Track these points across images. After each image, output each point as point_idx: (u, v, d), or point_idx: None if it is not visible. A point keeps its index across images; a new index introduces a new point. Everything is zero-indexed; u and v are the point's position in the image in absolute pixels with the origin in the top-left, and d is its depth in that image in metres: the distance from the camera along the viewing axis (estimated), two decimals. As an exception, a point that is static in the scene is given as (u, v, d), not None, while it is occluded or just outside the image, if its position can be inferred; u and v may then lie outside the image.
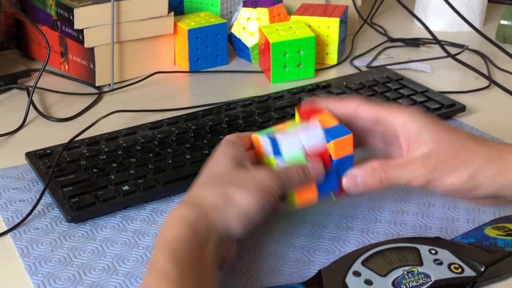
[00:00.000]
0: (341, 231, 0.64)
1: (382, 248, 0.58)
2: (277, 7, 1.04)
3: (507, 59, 1.00)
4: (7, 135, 0.83)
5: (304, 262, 0.60)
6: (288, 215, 0.67)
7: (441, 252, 0.57)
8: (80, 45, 0.93)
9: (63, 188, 0.68)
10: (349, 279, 0.55)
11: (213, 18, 1.03)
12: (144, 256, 0.61)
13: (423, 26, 1.01)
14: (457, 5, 1.09)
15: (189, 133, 0.77)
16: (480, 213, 0.67)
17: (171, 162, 0.72)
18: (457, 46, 1.11)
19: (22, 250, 0.62)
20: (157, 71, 1.00)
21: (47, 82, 0.95)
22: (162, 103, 0.91)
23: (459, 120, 0.86)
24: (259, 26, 0.99)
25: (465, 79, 1.00)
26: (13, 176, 0.73)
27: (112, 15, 0.92)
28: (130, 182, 0.69)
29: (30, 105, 0.87)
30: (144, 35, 0.97)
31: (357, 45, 1.13)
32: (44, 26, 0.99)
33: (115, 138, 0.77)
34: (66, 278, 0.58)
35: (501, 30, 1.14)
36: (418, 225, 0.65)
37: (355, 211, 0.67)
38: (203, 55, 1.01)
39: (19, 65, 1.00)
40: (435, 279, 0.55)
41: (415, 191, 0.70)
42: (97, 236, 0.64)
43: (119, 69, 0.97)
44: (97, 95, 0.93)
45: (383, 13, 1.29)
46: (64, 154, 0.73)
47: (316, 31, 1.01)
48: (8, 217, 0.67)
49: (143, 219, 0.66)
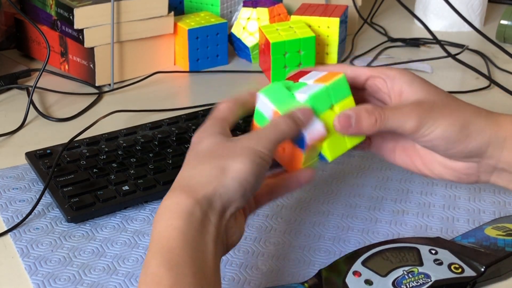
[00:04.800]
0: (341, 231, 0.64)
1: (382, 248, 0.58)
2: (277, 7, 1.04)
3: (507, 59, 0.99)
4: (7, 135, 0.83)
5: (304, 262, 0.60)
6: (288, 215, 0.67)
7: (441, 252, 0.57)
8: (80, 45, 0.93)
9: (63, 188, 0.68)
10: (349, 279, 0.55)
11: (213, 18, 1.03)
12: (144, 256, 0.61)
13: (423, 26, 1.01)
14: (457, 5, 1.09)
15: (189, 133, 0.77)
16: (480, 213, 0.67)
17: (171, 162, 0.72)
18: (457, 46, 1.11)
19: (22, 250, 0.62)
20: (157, 71, 1.00)
21: (47, 82, 0.95)
22: (162, 103, 0.91)
23: (459, 120, 0.86)
24: (259, 26, 0.99)
25: (465, 79, 1.00)
26: (13, 176, 0.73)
27: (112, 15, 0.92)
28: (130, 182, 0.69)
29: (30, 105, 0.87)
30: (144, 35, 0.97)
31: (357, 45, 1.13)
32: (44, 26, 0.99)
33: (115, 138, 0.77)
34: (66, 278, 0.58)
35: (501, 30, 1.13)
36: (418, 225, 0.65)
37: (355, 211, 0.67)
38: (203, 55, 1.01)
39: (19, 65, 1.00)
40: (435, 279, 0.55)
41: (415, 191, 0.70)
42: (97, 236, 0.64)
43: (119, 69, 0.97)
44: (97, 95, 0.93)
45: (383, 13, 1.29)
46: (64, 154, 0.73)
47: (316, 31, 1.01)
48: (8, 217, 0.67)
49: (143, 219, 0.66)
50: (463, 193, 0.70)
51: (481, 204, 0.68)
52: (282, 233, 0.64)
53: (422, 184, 0.71)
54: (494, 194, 0.70)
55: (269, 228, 0.65)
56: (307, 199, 0.69)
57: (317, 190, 0.71)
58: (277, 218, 0.66)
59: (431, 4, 1.20)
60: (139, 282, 0.46)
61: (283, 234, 0.64)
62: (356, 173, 0.74)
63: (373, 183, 0.72)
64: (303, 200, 0.69)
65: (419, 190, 0.71)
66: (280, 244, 0.63)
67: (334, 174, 0.74)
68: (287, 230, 0.65)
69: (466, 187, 0.71)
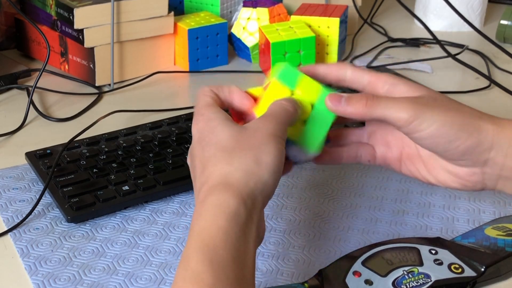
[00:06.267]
0: (341, 231, 0.64)
1: (382, 248, 0.58)
2: (277, 7, 1.04)
3: (507, 59, 0.99)
4: (7, 135, 0.83)
5: (304, 262, 0.60)
6: (288, 215, 0.67)
7: (441, 252, 0.57)
8: (80, 45, 0.93)
9: (63, 188, 0.68)
10: (349, 279, 0.55)
11: (213, 18, 1.03)
12: (144, 256, 0.61)
13: (423, 26, 1.01)
14: (457, 5, 1.09)
15: (189, 133, 0.77)
16: (480, 213, 0.67)
17: (171, 162, 0.72)
18: (457, 46, 1.11)
19: (22, 250, 0.62)
20: (157, 71, 1.00)
21: (47, 82, 0.95)
22: (162, 103, 0.91)
23: (459, 120, 0.86)
24: (259, 26, 0.99)
25: (465, 79, 1.00)
26: (13, 176, 0.73)
27: (112, 15, 0.92)
28: (130, 182, 0.69)
29: (30, 105, 0.87)
30: (144, 35, 0.97)
31: (357, 45, 1.13)
32: (44, 26, 0.99)
33: (115, 138, 0.77)
34: (66, 278, 0.58)
35: (501, 30, 1.13)
36: (418, 225, 0.65)
37: (355, 211, 0.67)
38: (203, 55, 1.01)
39: (19, 65, 1.00)
40: (435, 279, 0.55)
41: (415, 191, 0.70)
42: (97, 236, 0.64)
43: (119, 69, 0.97)
44: (97, 95, 0.93)
45: (383, 13, 1.29)
46: (64, 154, 0.73)
47: (316, 31, 1.01)
48: (8, 217, 0.67)
49: (143, 219, 0.66)
50: (463, 193, 0.70)
51: (481, 204, 0.68)
52: (282, 233, 0.64)
53: (422, 184, 0.71)
54: (494, 194, 0.70)
55: (269, 228, 0.65)
56: (307, 199, 0.69)
57: (317, 190, 0.71)
58: (277, 218, 0.66)
59: (431, 4, 1.20)
60: (177, 275, 0.46)
61: (283, 234, 0.64)
62: (356, 173, 0.74)
63: (373, 183, 0.72)
64: (303, 200, 0.69)
65: (419, 190, 0.71)
66: (280, 244, 0.63)
67: (334, 175, 0.74)
68: (287, 230, 0.65)
69: (466, 187, 0.71)
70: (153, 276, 0.59)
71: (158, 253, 0.62)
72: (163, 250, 0.62)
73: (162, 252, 0.62)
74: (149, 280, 0.58)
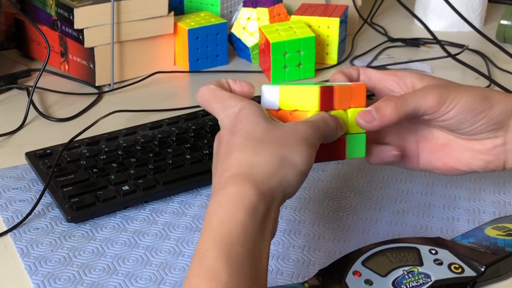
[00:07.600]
0: (341, 231, 0.64)
1: (382, 248, 0.58)
2: (277, 7, 1.04)
3: (507, 59, 1.00)
4: (7, 135, 0.83)
5: (304, 262, 0.60)
6: (288, 215, 0.67)
7: (441, 252, 0.57)
8: (80, 45, 0.93)
9: (63, 188, 0.68)
10: (349, 279, 0.55)
11: (213, 18, 1.03)
12: (144, 256, 0.61)
13: (423, 26, 1.01)
14: (457, 5, 1.09)
15: (189, 133, 0.77)
16: (480, 213, 0.67)
17: (171, 162, 0.72)
18: (457, 46, 1.11)
19: (22, 250, 0.62)
20: (157, 71, 1.00)
21: (47, 82, 0.95)
22: (162, 103, 0.91)
23: (459, 120, 0.86)
24: (259, 26, 0.99)
25: (465, 79, 1.00)
26: (13, 176, 0.73)
27: (112, 15, 0.92)
28: (130, 182, 0.69)
29: (30, 105, 0.87)
30: (144, 35, 0.97)
31: (357, 45, 1.13)
32: (44, 26, 0.99)
33: (115, 138, 0.77)
34: (66, 278, 0.58)
35: (501, 30, 1.13)
36: (418, 225, 0.65)
37: (355, 211, 0.67)
38: (203, 55, 1.01)
39: (19, 65, 1.00)
40: (435, 279, 0.55)
41: (415, 191, 0.70)
42: (97, 236, 0.64)
43: (119, 69, 0.97)
44: (97, 95, 0.93)
45: (383, 13, 1.29)
46: (64, 154, 0.73)
47: (316, 31, 1.01)
48: (8, 217, 0.67)
49: (143, 219, 0.66)
50: (463, 193, 0.70)
51: (481, 204, 0.68)
52: (282, 233, 0.64)
53: (422, 184, 0.71)
54: (494, 194, 0.70)
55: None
56: (307, 199, 0.69)
57: (317, 190, 0.71)
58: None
59: (431, 4, 1.20)
60: (192, 270, 0.45)
61: (283, 234, 0.64)
62: (356, 173, 0.74)
63: (373, 183, 0.72)
64: (303, 200, 0.69)
65: (419, 190, 0.71)
66: (280, 244, 0.63)
67: (334, 175, 0.74)
68: (287, 230, 0.65)
69: (466, 187, 0.71)
70: (153, 276, 0.59)
71: (158, 253, 0.62)
72: (163, 250, 0.62)
73: (162, 252, 0.62)
74: (149, 280, 0.58)
